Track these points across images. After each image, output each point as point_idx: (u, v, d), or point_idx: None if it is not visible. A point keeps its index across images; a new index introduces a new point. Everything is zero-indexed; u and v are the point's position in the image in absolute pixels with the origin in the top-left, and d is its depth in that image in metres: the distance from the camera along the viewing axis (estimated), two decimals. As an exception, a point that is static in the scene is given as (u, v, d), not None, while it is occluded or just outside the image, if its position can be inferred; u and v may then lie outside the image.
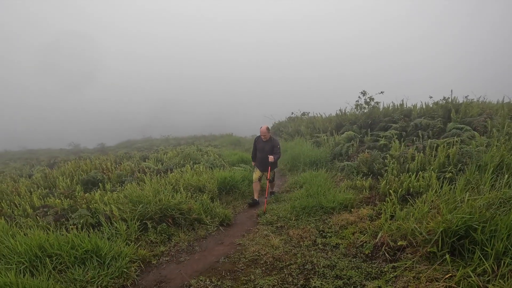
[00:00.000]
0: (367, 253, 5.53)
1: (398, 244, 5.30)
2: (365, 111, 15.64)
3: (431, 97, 14.13)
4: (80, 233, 6.19)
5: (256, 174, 10.01)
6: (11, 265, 5.30)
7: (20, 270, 5.22)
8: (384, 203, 7.05)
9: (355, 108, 16.40)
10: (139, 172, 11.48)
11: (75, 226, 6.67)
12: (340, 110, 17.71)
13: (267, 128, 9.71)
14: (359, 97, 16.22)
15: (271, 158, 9.45)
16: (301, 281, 4.94)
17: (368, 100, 15.70)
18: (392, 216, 6.32)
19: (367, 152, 10.26)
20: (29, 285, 4.76)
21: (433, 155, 8.59)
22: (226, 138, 29.28)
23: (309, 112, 22.73)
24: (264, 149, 9.76)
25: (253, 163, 10.59)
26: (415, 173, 7.73)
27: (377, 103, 15.49)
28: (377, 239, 5.67)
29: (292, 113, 24.60)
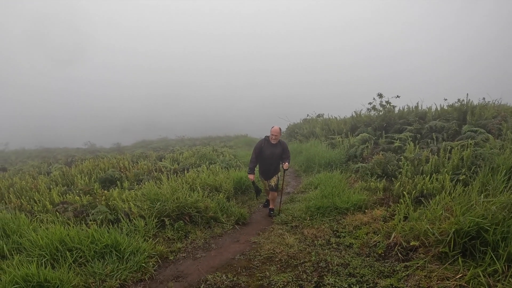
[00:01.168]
0: (380, 252, 5.62)
1: (411, 244, 5.38)
2: (380, 113, 15.67)
3: (445, 99, 14.10)
4: (100, 228, 6.38)
5: (265, 185, 9.11)
6: (33, 257, 5.48)
7: (41, 262, 5.37)
8: (398, 204, 7.11)
9: (371, 110, 16.44)
10: (155, 171, 11.65)
11: (94, 222, 6.86)
12: (355, 112, 17.70)
13: (280, 129, 8.61)
14: (373, 99, 16.28)
15: (286, 165, 8.35)
16: (315, 278, 5.05)
17: (384, 103, 15.74)
18: (405, 217, 6.38)
19: (382, 154, 10.32)
20: (50, 276, 4.92)
21: (447, 158, 8.64)
22: (240, 139, 29.40)
23: (323, 114, 22.75)
24: (274, 154, 8.50)
25: (250, 177, 8.64)
26: (429, 175, 7.79)
27: (393, 106, 15.53)
28: (390, 239, 5.75)
29: (308, 115, 24.66)
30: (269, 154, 8.50)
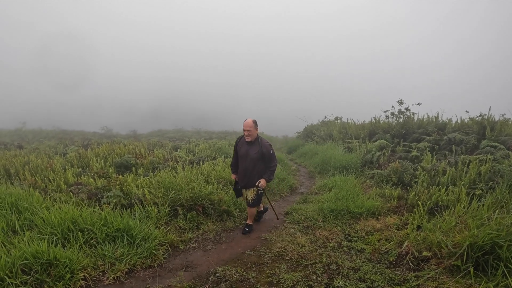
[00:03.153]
0: (391, 260, 5.60)
1: (423, 254, 5.36)
2: (399, 120, 15.56)
3: (467, 112, 13.98)
4: (113, 212, 6.46)
5: (243, 194, 7.43)
6: (44, 235, 5.58)
7: (52, 240, 5.47)
8: (412, 213, 7.09)
9: (390, 117, 16.34)
10: (171, 161, 11.72)
11: (108, 205, 6.95)
12: (374, 118, 17.61)
13: (254, 122, 6.86)
14: (392, 106, 16.15)
15: (261, 183, 6.78)
16: (325, 280, 5.05)
17: (404, 110, 15.63)
18: (418, 227, 6.35)
19: (398, 162, 10.27)
20: (60, 255, 4.99)
21: (464, 171, 8.57)
22: (257, 136, 29.37)
23: (342, 117, 22.65)
24: (248, 156, 6.92)
25: (233, 177, 7.56)
26: (445, 187, 7.74)
27: (413, 114, 15.41)
28: (402, 247, 5.72)
29: (325, 117, 24.56)
30: (243, 154, 7.04)
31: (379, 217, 7.52)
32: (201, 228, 7.16)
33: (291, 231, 7.16)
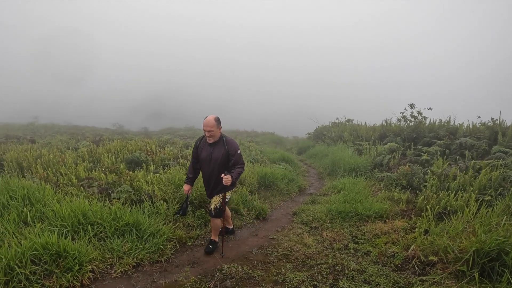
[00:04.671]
0: (397, 263, 5.60)
1: (429, 259, 5.36)
2: (410, 124, 15.51)
3: (479, 117, 13.89)
4: (123, 207, 6.57)
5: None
6: (54, 227, 5.68)
7: (62, 232, 5.58)
8: (420, 218, 7.09)
9: (401, 120, 16.29)
10: (181, 158, 11.77)
11: (118, 200, 7.04)
12: (385, 120, 17.55)
13: (216, 120, 5.84)
14: (405, 109, 16.10)
15: (226, 178, 5.64)
16: (330, 281, 5.07)
17: (415, 113, 15.58)
18: (426, 232, 6.34)
19: (408, 166, 10.24)
20: (69, 247, 5.09)
21: (474, 176, 8.54)
22: (268, 136, 29.46)
23: (353, 120, 22.60)
24: (212, 158, 5.97)
25: (185, 189, 6.31)
26: (454, 192, 7.73)
27: (424, 117, 15.35)
28: (409, 251, 5.73)
29: (337, 118, 24.50)
30: (205, 158, 6.05)
31: (387, 220, 7.51)
32: (209, 226, 7.21)
33: (299, 231, 7.19)
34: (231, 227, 7.10)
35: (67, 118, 41.59)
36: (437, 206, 7.20)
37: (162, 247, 5.92)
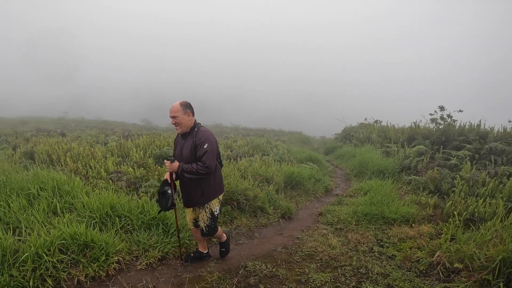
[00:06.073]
0: (421, 269, 5.58)
1: (454, 266, 5.33)
2: (440, 127, 15.31)
3: (510, 121, 13.63)
4: (150, 201, 6.72)
5: (187, 214, 5.44)
6: (83, 218, 5.86)
7: (91, 224, 5.76)
8: (447, 223, 7.04)
9: (430, 122, 16.10)
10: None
11: (145, 194, 7.19)
12: (414, 123, 17.37)
13: (183, 105, 4.96)
14: (435, 111, 15.90)
15: (167, 163, 4.98)
16: (353, 283, 5.10)
17: (445, 116, 15.37)
18: (452, 238, 6.30)
19: (437, 170, 10.14)
20: (97, 238, 5.27)
21: (504, 183, 8.42)
22: (295, 135, 29.53)
23: (381, 121, 22.45)
24: (182, 153, 5.09)
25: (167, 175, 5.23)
26: (482, 199, 7.63)
27: (454, 121, 15.14)
28: (434, 257, 5.70)
29: (365, 119, 24.43)
30: (178, 154, 5.22)
31: (413, 224, 7.46)
32: (234, 223, 7.32)
33: (324, 232, 7.22)
34: (206, 251, 5.78)
35: (95, 113, 42.57)
36: (465, 212, 7.12)
37: (187, 241, 6.06)
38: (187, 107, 4.95)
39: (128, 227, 6.07)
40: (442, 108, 15.54)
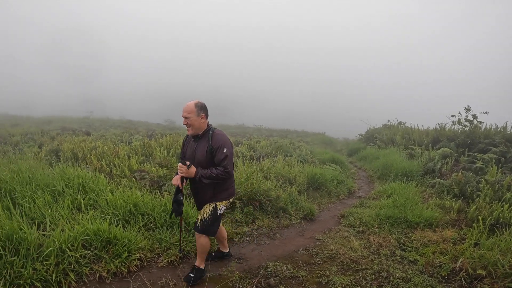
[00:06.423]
0: (443, 274, 5.53)
1: (477, 272, 5.27)
2: (465, 129, 15.07)
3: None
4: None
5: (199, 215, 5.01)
6: (106, 215, 5.97)
7: (114, 220, 5.87)
8: (471, 228, 6.95)
9: (455, 124, 15.86)
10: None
11: (168, 193, 7.28)
12: (439, 124, 17.17)
13: (198, 106, 4.68)
14: (459, 112, 15.64)
15: (180, 168, 4.64)
16: (374, 287, 5.09)
17: (471, 118, 15.12)
18: (475, 244, 6.23)
19: (461, 173, 10.01)
20: (119, 235, 5.38)
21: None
22: (318, 136, 29.45)
23: (405, 122, 22.22)
24: (195, 157, 4.83)
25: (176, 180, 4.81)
26: (508, 204, 7.51)
27: (480, 122, 14.89)
28: (457, 264, 5.64)
29: (388, 120, 24.25)
30: (189, 156, 4.92)
31: (436, 229, 7.38)
32: (256, 223, 7.36)
33: (345, 234, 7.21)
34: (227, 250, 5.82)
35: (119, 113, 43.24)
36: (489, 218, 7.02)
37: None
38: (201, 109, 4.68)
39: (151, 225, 6.17)
40: (467, 109, 15.28)
